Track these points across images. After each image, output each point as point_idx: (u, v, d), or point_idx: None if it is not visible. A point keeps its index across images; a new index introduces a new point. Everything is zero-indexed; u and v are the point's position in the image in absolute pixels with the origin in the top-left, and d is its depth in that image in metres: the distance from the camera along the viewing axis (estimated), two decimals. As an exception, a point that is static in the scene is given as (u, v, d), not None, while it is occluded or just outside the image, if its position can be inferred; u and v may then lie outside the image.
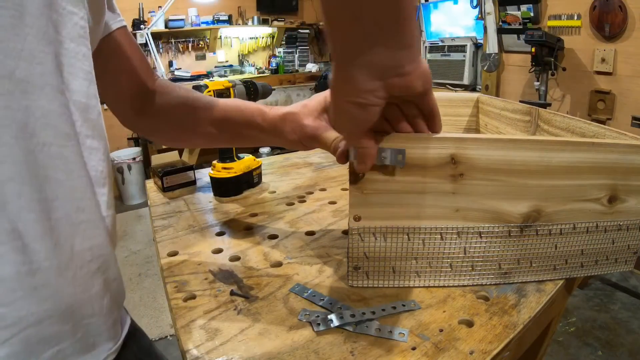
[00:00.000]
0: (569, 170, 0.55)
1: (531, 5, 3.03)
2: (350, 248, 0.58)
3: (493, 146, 0.53)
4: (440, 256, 0.59)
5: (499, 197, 0.56)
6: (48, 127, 0.38)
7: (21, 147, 0.35)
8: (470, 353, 0.48)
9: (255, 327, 0.53)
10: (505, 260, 0.60)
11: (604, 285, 2.38)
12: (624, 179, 0.57)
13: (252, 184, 1.04)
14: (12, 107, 0.34)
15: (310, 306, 0.57)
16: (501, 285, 0.61)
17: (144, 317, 2.31)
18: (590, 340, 1.97)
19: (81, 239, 0.42)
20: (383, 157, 0.51)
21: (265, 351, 0.49)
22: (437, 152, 0.53)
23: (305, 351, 0.48)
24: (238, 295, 0.59)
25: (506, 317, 0.54)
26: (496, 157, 0.53)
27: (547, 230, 0.59)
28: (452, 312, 0.55)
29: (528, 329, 0.54)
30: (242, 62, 5.46)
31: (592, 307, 2.20)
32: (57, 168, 0.39)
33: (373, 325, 0.52)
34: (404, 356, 0.48)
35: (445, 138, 0.52)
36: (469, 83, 3.74)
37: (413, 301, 0.57)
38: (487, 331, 0.51)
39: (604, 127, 0.67)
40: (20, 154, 0.35)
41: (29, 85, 0.36)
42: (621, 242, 0.62)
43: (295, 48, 5.67)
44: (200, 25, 4.90)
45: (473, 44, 3.67)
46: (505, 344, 0.50)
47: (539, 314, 0.56)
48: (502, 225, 0.57)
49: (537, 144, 0.53)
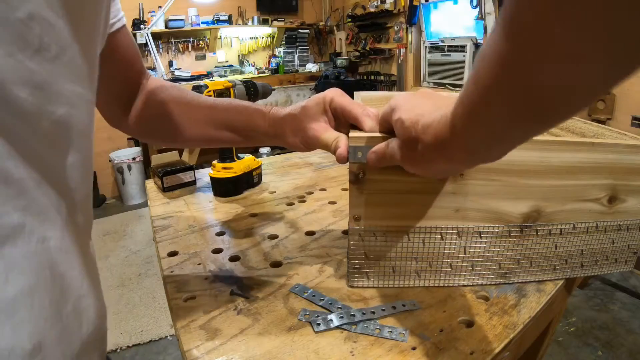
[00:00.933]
0: (569, 170, 0.55)
1: (531, 5, 3.03)
2: (350, 248, 0.58)
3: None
4: (440, 256, 0.59)
5: (499, 197, 0.56)
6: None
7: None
8: (471, 353, 0.48)
9: (255, 327, 0.53)
10: (505, 260, 0.60)
11: (604, 285, 2.38)
12: (624, 179, 0.57)
13: (252, 184, 1.04)
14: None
15: (310, 306, 0.57)
16: (501, 285, 0.61)
17: (144, 317, 2.31)
18: (590, 340, 1.97)
19: (86, 324, 0.40)
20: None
21: (265, 351, 0.49)
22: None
23: (305, 351, 0.48)
24: (238, 295, 0.59)
25: (506, 317, 0.54)
26: (496, 157, 0.53)
27: (547, 230, 0.59)
28: (452, 312, 0.55)
29: (528, 329, 0.54)
30: (242, 62, 5.46)
31: (592, 307, 2.20)
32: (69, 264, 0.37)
33: (373, 325, 0.52)
34: (404, 356, 0.48)
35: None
36: (469, 83, 3.74)
37: (413, 301, 0.57)
38: (487, 331, 0.51)
39: (604, 127, 0.67)
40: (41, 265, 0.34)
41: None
42: (621, 242, 0.62)
43: (295, 48, 5.67)
44: (200, 25, 4.90)
45: (473, 44, 3.66)
46: (506, 344, 0.50)
47: (539, 314, 0.56)
48: (502, 225, 0.57)
49: (537, 144, 0.53)
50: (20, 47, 0.29)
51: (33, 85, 0.30)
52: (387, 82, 4.70)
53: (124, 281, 2.66)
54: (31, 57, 0.30)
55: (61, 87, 0.34)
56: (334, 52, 5.53)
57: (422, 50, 4.24)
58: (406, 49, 4.35)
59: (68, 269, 0.37)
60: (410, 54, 4.32)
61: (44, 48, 0.31)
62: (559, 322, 0.90)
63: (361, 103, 0.57)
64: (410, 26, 4.20)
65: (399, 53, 4.43)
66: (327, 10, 5.62)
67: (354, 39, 5.14)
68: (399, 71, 4.51)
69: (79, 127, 0.37)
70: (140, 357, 2.04)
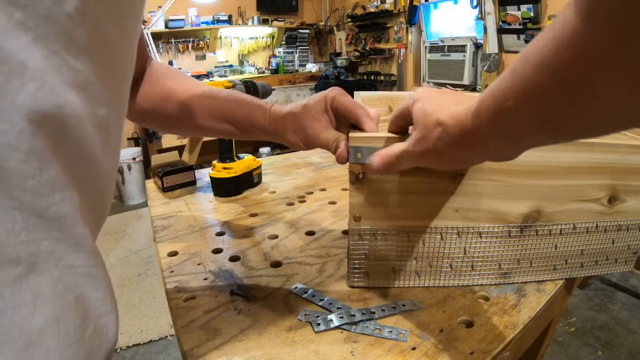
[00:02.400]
0: (568, 170, 0.55)
1: (531, 5, 3.03)
2: (350, 248, 0.58)
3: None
4: (441, 256, 0.59)
5: (499, 197, 0.56)
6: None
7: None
8: (471, 353, 0.48)
9: (255, 327, 0.53)
10: (505, 260, 0.60)
11: (604, 285, 2.38)
12: (624, 179, 0.57)
13: (252, 184, 1.04)
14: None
15: (310, 306, 0.57)
16: (501, 286, 0.61)
17: (144, 317, 2.31)
18: (590, 340, 1.96)
19: (106, 343, 0.38)
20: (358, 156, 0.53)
21: (265, 351, 0.49)
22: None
23: (305, 351, 0.49)
24: (238, 294, 0.59)
25: (506, 317, 0.54)
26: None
27: (547, 230, 0.59)
28: (452, 312, 0.55)
29: (528, 329, 0.54)
30: (242, 62, 5.46)
31: (592, 307, 2.20)
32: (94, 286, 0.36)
33: (373, 325, 0.52)
34: (404, 356, 0.48)
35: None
36: (469, 83, 3.74)
37: (413, 302, 0.57)
38: (487, 331, 0.51)
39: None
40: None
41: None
42: (621, 242, 0.62)
43: (295, 48, 5.67)
44: (200, 26, 4.90)
45: (473, 44, 3.66)
46: (506, 344, 0.50)
47: (539, 314, 0.56)
48: (502, 226, 0.57)
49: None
50: (66, 45, 0.27)
51: (79, 87, 0.28)
52: (387, 82, 4.70)
53: (124, 281, 2.66)
54: (77, 56, 0.28)
55: (102, 86, 0.31)
56: (334, 52, 5.53)
57: (422, 50, 4.24)
58: (406, 49, 4.35)
59: (92, 290, 0.35)
60: (410, 54, 4.32)
61: (90, 47, 0.29)
62: (558, 322, 0.90)
63: (362, 103, 0.57)
64: (410, 26, 4.20)
65: (399, 53, 4.43)
66: (327, 10, 5.61)
67: (354, 39, 5.14)
68: (399, 71, 4.51)
69: (115, 128, 0.35)
70: (140, 357, 2.04)
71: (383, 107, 0.81)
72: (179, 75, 0.70)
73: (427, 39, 4.21)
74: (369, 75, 4.96)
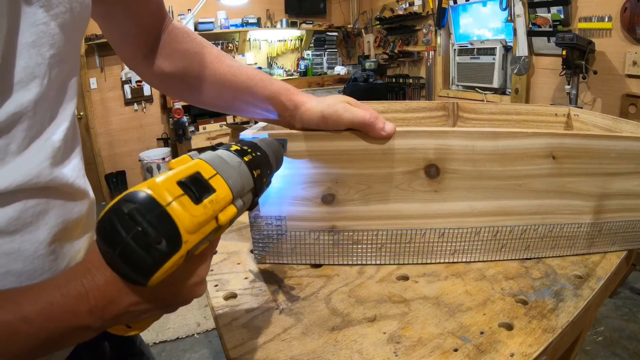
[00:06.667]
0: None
1: (561, 7, 2.96)
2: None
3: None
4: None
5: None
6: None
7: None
8: (511, 355, 0.48)
9: (298, 327, 0.53)
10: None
11: (632, 294, 2.32)
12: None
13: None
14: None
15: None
16: (539, 290, 0.60)
17: (172, 314, 2.33)
18: (618, 350, 1.91)
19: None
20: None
21: (308, 350, 0.49)
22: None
23: (348, 351, 0.49)
24: (283, 293, 0.60)
25: (545, 321, 0.54)
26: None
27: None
28: (491, 315, 0.55)
29: (565, 334, 0.54)
30: (270, 64, 5.50)
31: (621, 317, 2.14)
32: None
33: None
34: (447, 357, 0.48)
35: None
36: (499, 86, 3.68)
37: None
38: (527, 334, 0.51)
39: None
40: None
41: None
42: None
43: (324, 50, 5.68)
44: (229, 28, 4.96)
45: (502, 47, 3.61)
46: (545, 347, 0.49)
47: (576, 318, 0.55)
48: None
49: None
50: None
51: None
52: (415, 85, 4.66)
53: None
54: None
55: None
56: (362, 54, 5.52)
57: (451, 52, 4.20)
58: (435, 51, 4.31)
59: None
60: (439, 57, 4.28)
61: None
62: (588, 331, 0.88)
63: (362, 113, 0.59)
64: (439, 29, 4.16)
65: (428, 56, 4.39)
66: (355, 13, 5.61)
67: (382, 42, 5.12)
68: (427, 74, 4.47)
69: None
70: (166, 354, 2.07)
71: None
72: (195, 38, 0.66)
73: (456, 42, 4.17)
74: (398, 78, 4.92)
